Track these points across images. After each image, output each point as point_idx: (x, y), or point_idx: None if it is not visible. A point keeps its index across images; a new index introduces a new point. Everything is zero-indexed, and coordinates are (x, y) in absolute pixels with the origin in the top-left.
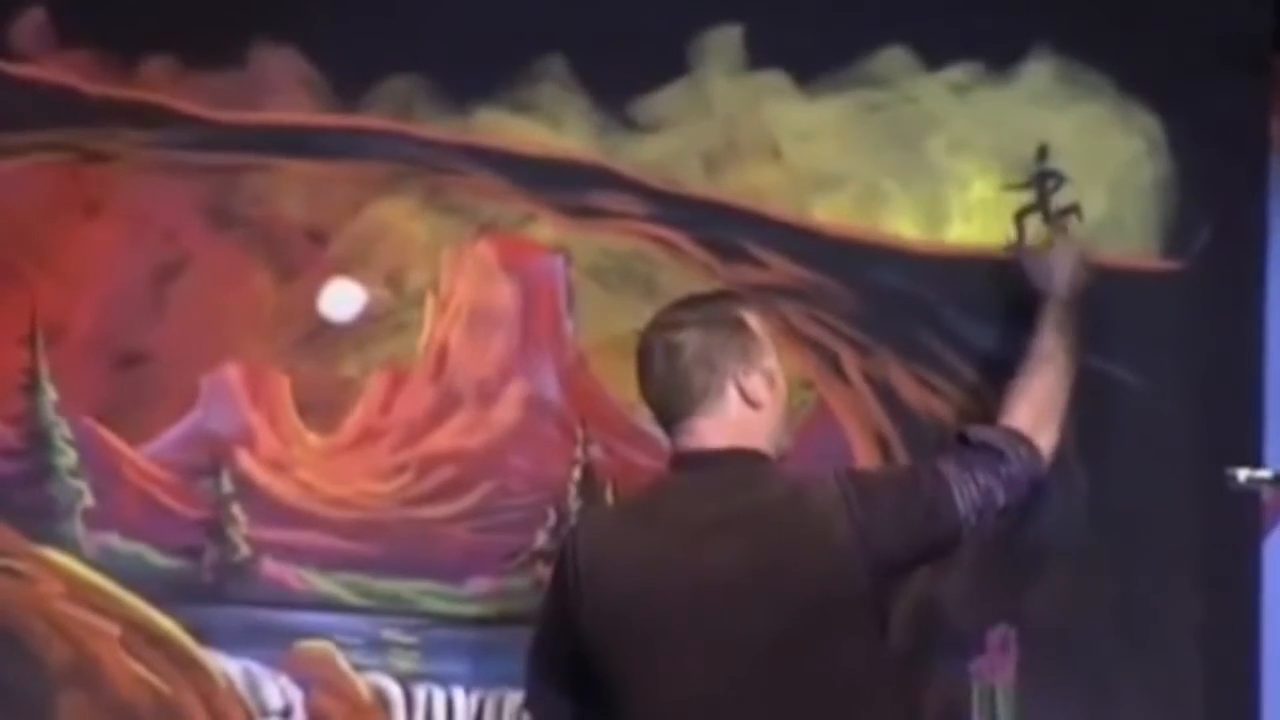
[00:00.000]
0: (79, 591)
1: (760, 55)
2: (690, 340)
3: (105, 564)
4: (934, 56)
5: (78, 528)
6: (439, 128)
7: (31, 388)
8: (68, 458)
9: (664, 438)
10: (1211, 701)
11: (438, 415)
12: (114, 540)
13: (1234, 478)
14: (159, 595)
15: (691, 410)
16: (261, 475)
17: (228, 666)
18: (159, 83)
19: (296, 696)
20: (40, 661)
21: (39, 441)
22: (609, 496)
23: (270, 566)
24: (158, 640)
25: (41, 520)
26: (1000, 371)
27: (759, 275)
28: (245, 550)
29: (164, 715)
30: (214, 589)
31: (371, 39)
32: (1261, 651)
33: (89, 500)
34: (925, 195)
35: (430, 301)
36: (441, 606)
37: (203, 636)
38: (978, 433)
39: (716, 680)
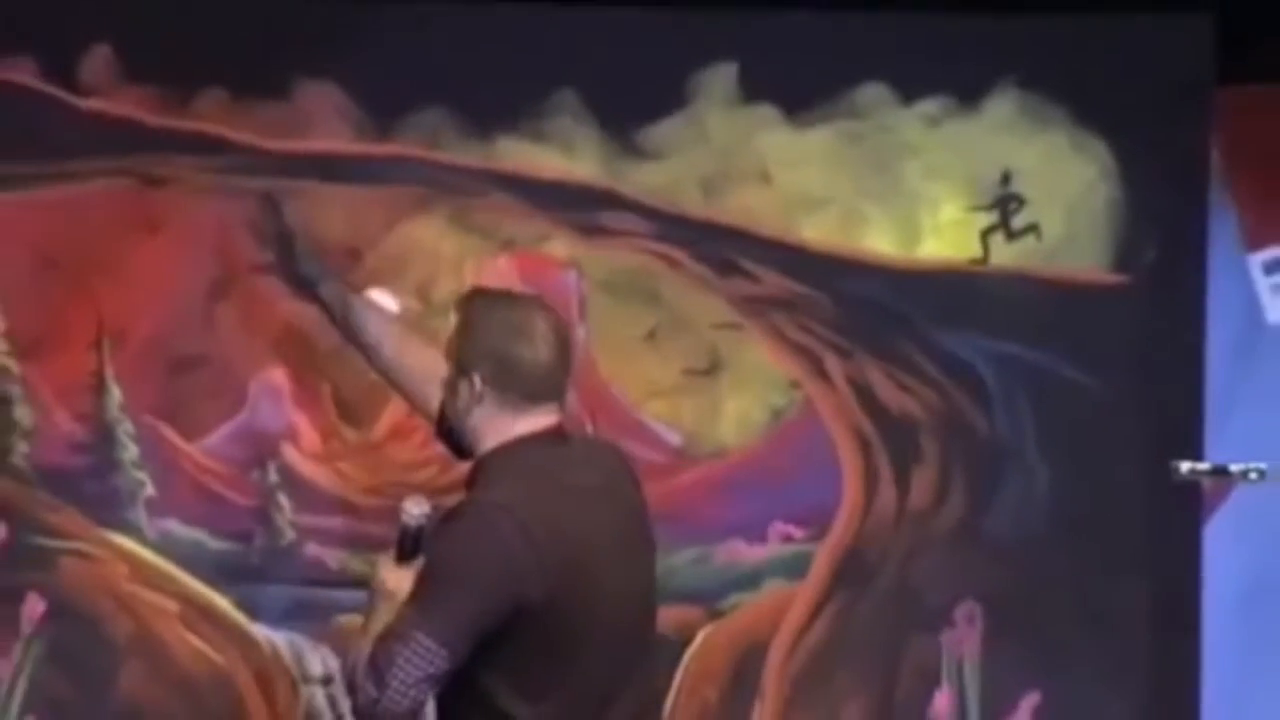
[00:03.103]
0: (141, 572)
1: (752, 90)
2: (562, 327)
3: (165, 547)
4: (909, 91)
5: (140, 515)
6: (464, 155)
7: (98, 388)
8: (131, 452)
9: (666, 433)
10: (1157, 671)
11: None
12: (173, 526)
13: (1177, 469)
14: (213, 575)
15: (564, 392)
16: (304, 467)
17: (274, 638)
18: (212, 114)
19: (335, 665)
20: (107, 635)
21: (105, 437)
22: None
23: (312, 549)
24: (212, 615)
25: (108, 508)
26: (967, 374)
27: (752, 288)
28: (290, 535)
29: (218, 683)
30: (262, 569)
31: (403, 74)
32: (1202, 626)
33: (150, 490)
34: (901, 216)
35: (456, 311)
36: None
37: (252, 612)
38: None
39: (628, 627)
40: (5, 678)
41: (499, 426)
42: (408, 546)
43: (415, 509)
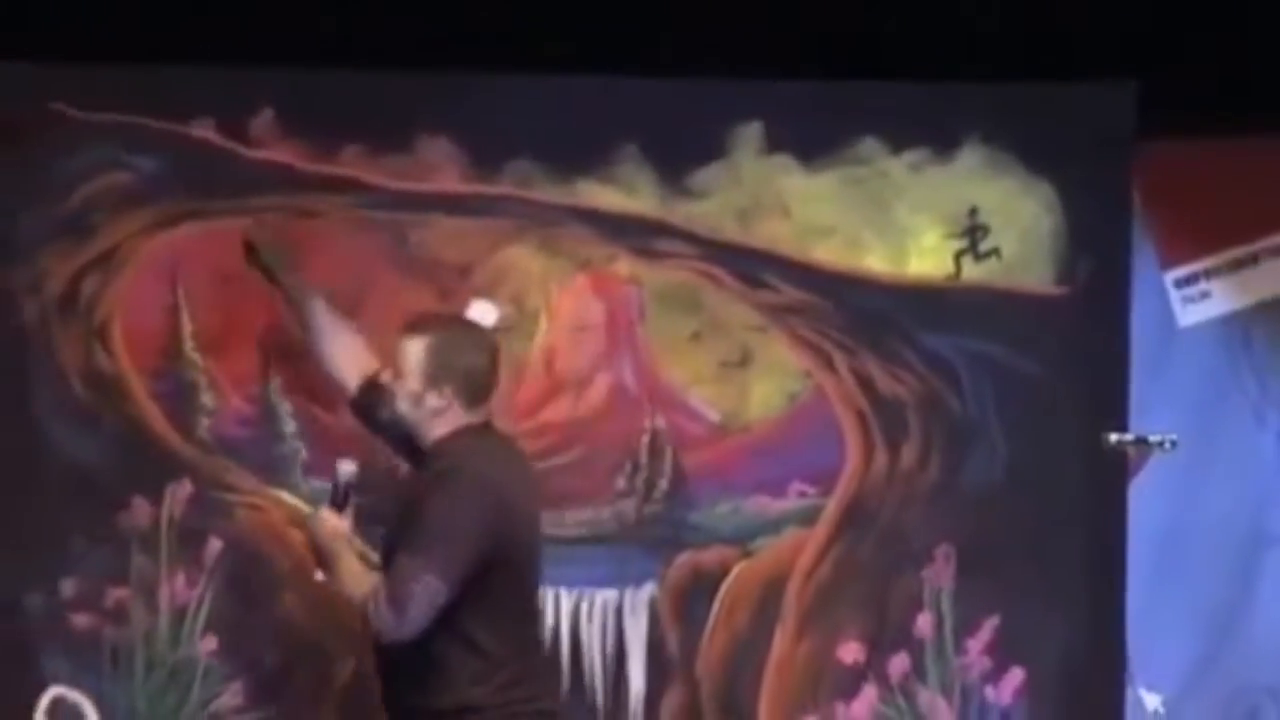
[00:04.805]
0: (298, 519)
1: (775, 143)
2: (496, 343)
3: (316, 500)
4: (898, 144)
5: (297, 474)
6: (549, 194)
7: (264, 378)
8: (290, 426)
9: (707, 411)
10: (1090, 599)
11: (548, 396)
12: (322, 483)
13: (1107, 440)
14: (353, 521)
15: (494, 392)
16: None
17: None
18: (352, 162)
19: None
20: (271, 569)
21: (270, 414)
22: (668, 454)
23: None
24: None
25: (272, 469)
26: (944, 366)
27: (775, 298)
28: None
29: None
30: (391, 516)
31: (501, 130)
32: (1126, 563)
33: (305, 455)
34: (892, 242)
35: (543, 317)
36: (550, 530)
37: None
38: None
39: (538, 571)
40: (192, 602)
41: (450, 419)
42: (339, 498)
43: (347, 467)
